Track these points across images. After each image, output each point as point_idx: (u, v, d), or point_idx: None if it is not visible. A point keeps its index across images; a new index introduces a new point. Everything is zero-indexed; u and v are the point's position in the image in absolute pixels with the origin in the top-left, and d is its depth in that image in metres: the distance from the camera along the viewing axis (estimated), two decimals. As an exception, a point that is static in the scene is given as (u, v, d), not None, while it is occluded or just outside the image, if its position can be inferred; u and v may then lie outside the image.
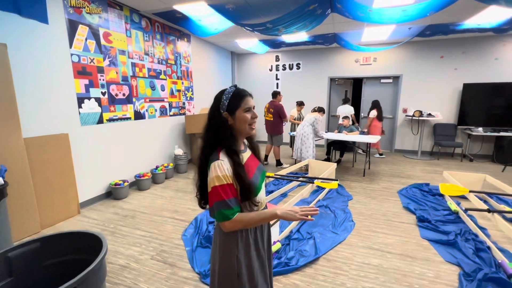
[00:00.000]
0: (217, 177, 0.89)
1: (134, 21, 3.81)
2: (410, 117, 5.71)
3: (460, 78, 5.62)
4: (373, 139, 4.48)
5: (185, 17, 4.02)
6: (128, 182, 3.56)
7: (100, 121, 3.36)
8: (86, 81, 3.13)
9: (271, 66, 7.13)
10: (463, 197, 3.15)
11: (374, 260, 2.13)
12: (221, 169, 0.90)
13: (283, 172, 3.87)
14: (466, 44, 5.48)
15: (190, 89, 5.29)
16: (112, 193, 3.47)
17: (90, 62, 3.16)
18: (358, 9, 3.26)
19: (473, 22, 4.23)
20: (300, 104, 5.49)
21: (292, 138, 5.55)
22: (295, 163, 5.14)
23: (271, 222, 1.03)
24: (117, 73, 3.55)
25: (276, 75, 7.13)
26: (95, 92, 3.26)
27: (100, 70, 3.30)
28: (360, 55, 6.28)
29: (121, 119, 3.67)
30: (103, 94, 3.37)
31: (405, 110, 6.14)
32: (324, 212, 2.99)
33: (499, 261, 1.99)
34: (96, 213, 3.04)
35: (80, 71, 3.05)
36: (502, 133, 5.21)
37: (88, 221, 2.84)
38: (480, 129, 5.42)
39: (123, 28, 3.62)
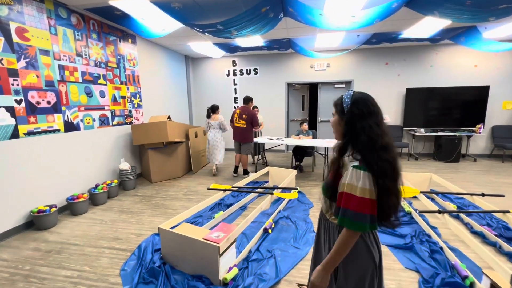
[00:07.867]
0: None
1: (61, 17, 3.25)
2: (363, 120, 6.00)
3: (403, 83, 6.08)
4: (330, 143, 4.52)
5: (126, 15, 3.57)
6: (56, 207, 2.96)
7: (15, 135, 2.74)
8: (-9, 87, 2.51)
9: (228, 71, 6.90)
10: (415, 197, 3.28)
11: (337, 276, 2.00)
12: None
13: (241, 182, 3.61)
14: (407, 53, 5.96)
15: (138, 96, 4.77)
16: (35, 223, 2.84)
17: (-4, 63, 2.55)
18: (309, 13, 3.22)
19: (412, 32, 4.58)
20: None
21: (257, 145, 5.44)
22: (255, 171, 4.96)
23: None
24: (38, 77, 2.96)
25: (234, 80, 6.93)
26: (5, 100, 2.63)
27: (13, 73, 2.70)
28: (315, 61, 6.42)
29: (46, 131, 3.06)
30: (18, 102, 2.76)
31: (358, 114, 6.43)
32: (285, 224, 2.82)
33: (453, 262, 2.02)
34: (8, 251, 2.41)
35: (-18, 74, 2.44)
36: (440, 133, 5.75)
37: (-6, 263, 2.23)
38: (422, 130, 5.91)
39: (45, 24, 3.04)
